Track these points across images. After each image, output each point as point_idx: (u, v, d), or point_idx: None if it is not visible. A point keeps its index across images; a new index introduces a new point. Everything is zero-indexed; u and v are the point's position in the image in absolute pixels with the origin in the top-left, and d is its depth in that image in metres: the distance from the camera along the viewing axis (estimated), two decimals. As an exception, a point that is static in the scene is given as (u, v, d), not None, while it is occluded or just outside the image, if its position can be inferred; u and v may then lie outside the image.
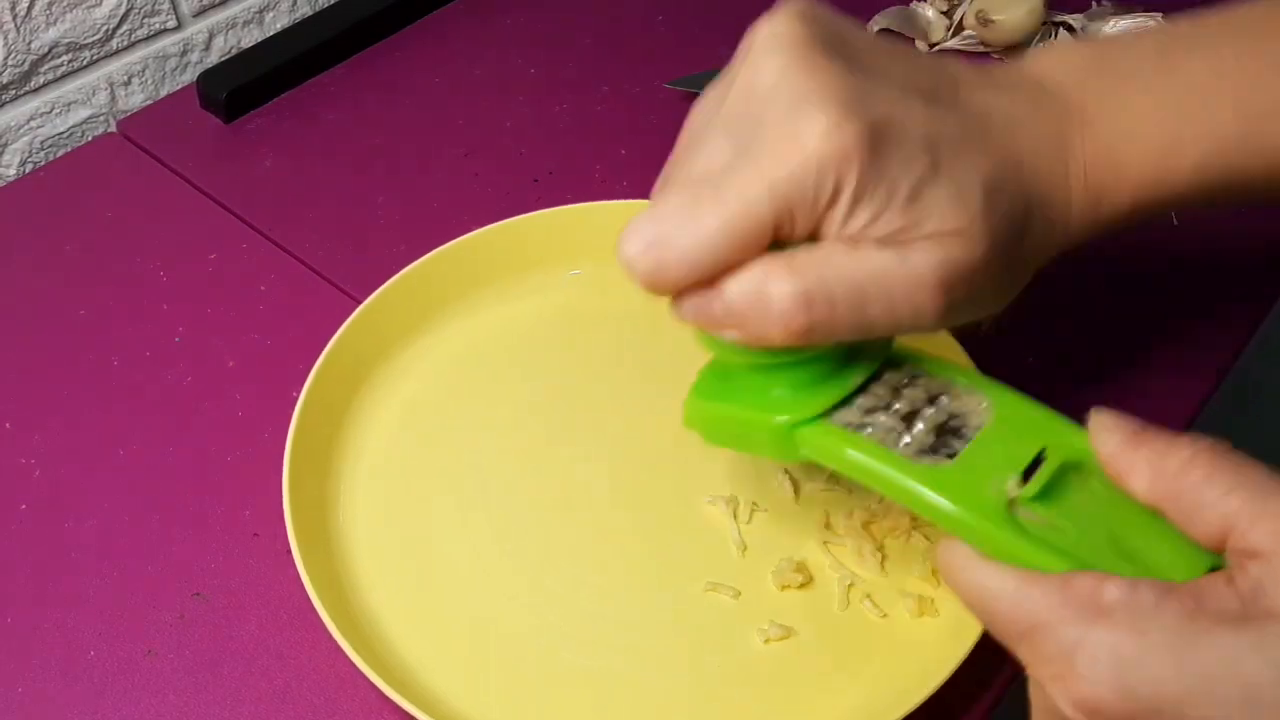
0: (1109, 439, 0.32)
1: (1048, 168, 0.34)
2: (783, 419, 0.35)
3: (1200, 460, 0.30)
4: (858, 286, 0.31)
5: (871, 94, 0.31)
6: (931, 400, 0.35)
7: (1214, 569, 0.30)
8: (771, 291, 0.31)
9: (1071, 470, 0.33)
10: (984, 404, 0.35)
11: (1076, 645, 0.29)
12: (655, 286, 0.32)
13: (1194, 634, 0.28)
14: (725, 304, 0.32)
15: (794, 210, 0.31)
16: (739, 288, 0.31)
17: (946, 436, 0.34)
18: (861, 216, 0.31)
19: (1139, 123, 0.35)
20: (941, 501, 0.32)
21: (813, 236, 0.32)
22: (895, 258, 0.31)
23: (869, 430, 0.34)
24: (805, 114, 0.30)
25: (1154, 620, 0.28)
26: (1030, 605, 0.30)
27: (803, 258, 0.31)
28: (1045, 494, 0.32)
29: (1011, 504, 0.32)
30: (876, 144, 0.30)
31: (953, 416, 0.35)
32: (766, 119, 0.31)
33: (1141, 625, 0.28)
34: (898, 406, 0.35)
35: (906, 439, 0.34)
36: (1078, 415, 0.36)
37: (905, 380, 0.36)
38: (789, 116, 0.30)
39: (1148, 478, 0.31)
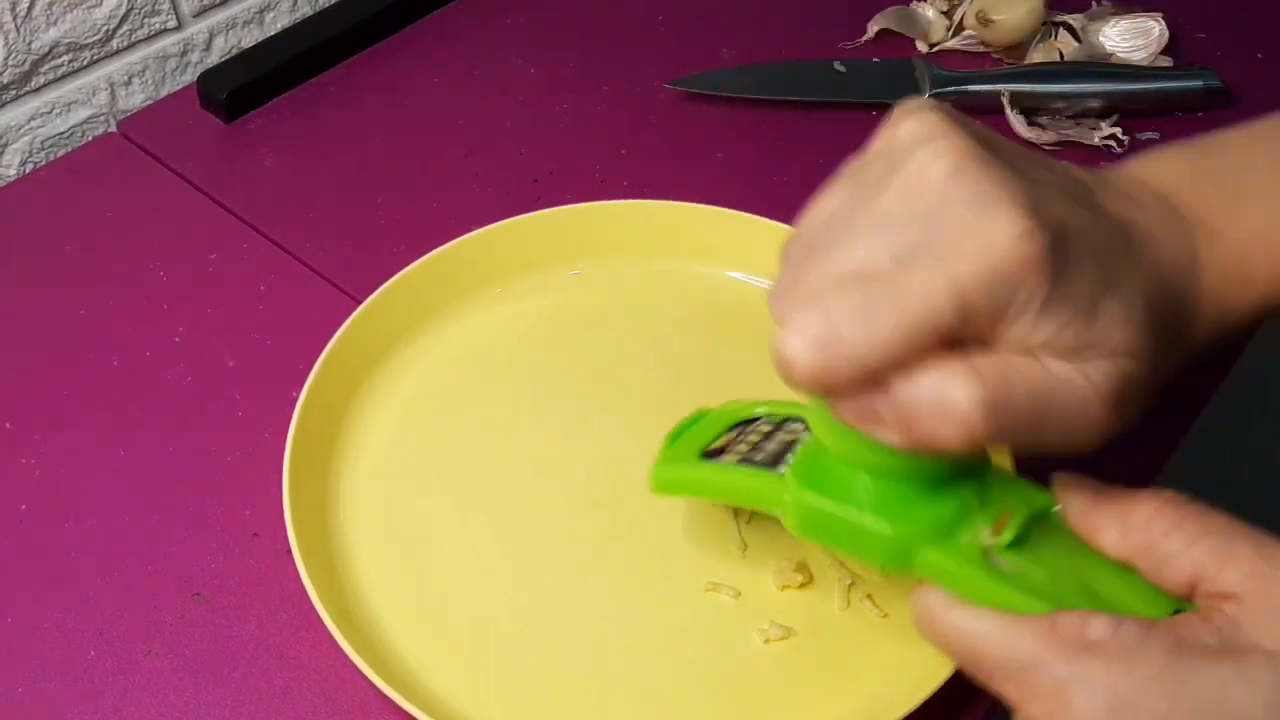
0: (1075, 498, 0.33)
1: (1183, 279, 0.34)
2: (903, 532, 0.33)
3: (1165, 512, 0.31)
4: (1039, 396, 0.30)
5: (1045, 198, 0.30)
6: None
7: (1177, 612, 0.31)
8: (954, 395, 0.29)
9: (1037, 524, 0.34)
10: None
11: (1070, 682, 0.29)
12: (818, 385, 0.30)
13: (1183, 666, 0.29)
14: (899, 405, 0.30)
15: (977, 315, 0.29)
16: (919, 391, 0.29)
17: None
18: (1047, 327, 0.29)
19: (1263, 229, 0.35)
20: (933, 555, 0.33)
21: (981, 344, 0.30)
22: (1074, 370, 0.30)
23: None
24: (993, 214, 0.29)
25: (1143, 653, 0.29)
26: (1019, 645, 0.31)
27: (986, 362, 0.30)
28: (1017, 544, 0.33)
29: (986, 552, 0.33)
30: (1061, 251, 0.29)
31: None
32: (943, 218, 0.29)
33: (1131, 659, 0.29)
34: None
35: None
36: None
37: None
38: (974, 216, 0.29)
39: (1116, 533, 0.32)
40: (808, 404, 0.34)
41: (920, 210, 0.30)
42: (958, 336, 0.29)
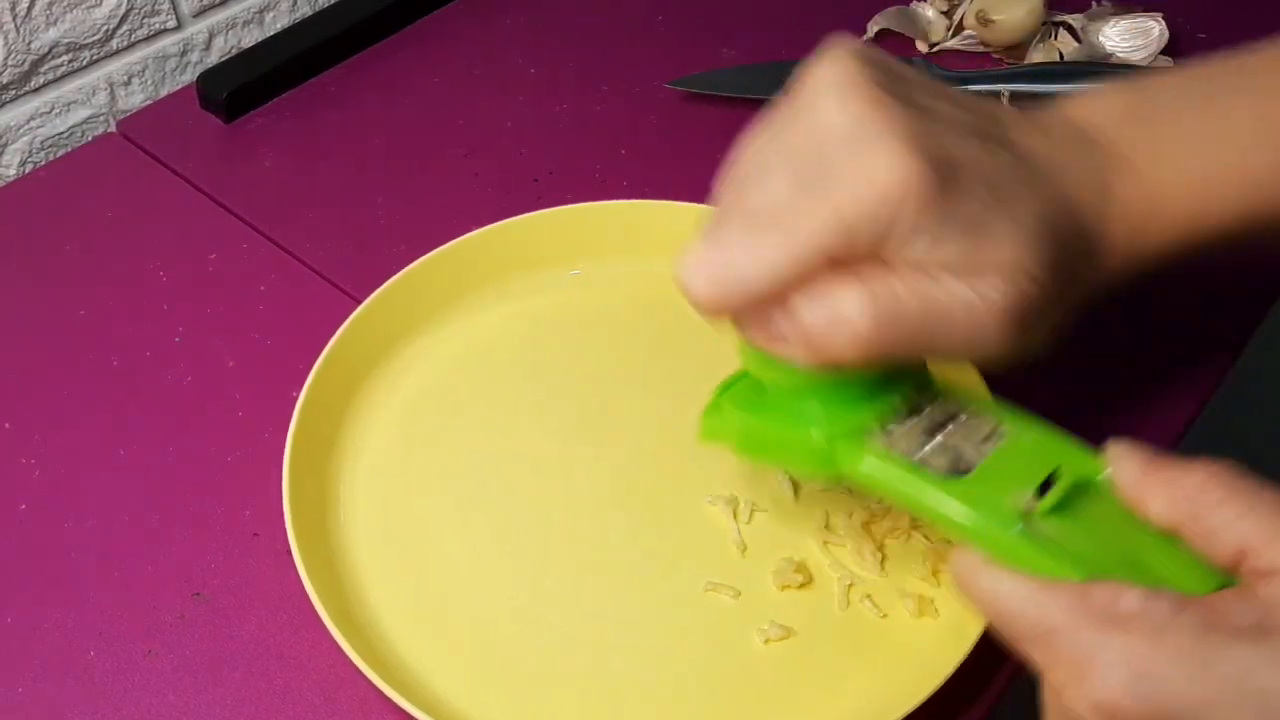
0: (1127, 464, 0.33)
1: (1091, 210, 0.35)
2: (820, 435, 0.35)
3: (1216, 483, 0.31)
4: (927, 307, 0.32)
5: (933, 131, 0.32)
6: (949, 419, 0.36)
7: (1223, 587, 0.31)
8: (844, 309, 0.32)
9: (1083, 491, 0.34)
10: (999, 426, 0.36)
11: (1095, 651, 0.29)
12: (715, 310, 0.33)
13: (1210, 645, 0.28)
14: (796, 322, 0.32)
15: (860, 241, 0.31)
16: (812, 305, 0.32)
17: (963, 454, 0.35)
18: (927, 247, 0.31)
19: (1178, 166, 0.36)
20: (961, 511, 0.33)
21: (874, 264, 0.32)
22: (962, 283, 0.32)
23: (899, 448, 0.35)
24: (875, 149, 0.31)
25: (1171, 630, 0.29)
26: (1048, 610, 0.31)
27: (876, 277, 0.32)
28: (1059, 510, 0.33)
29: (1027, 517, 0.33)
30: (942, 179, 0.31)
31: (969, 435, 0.36)
32: (832, 155, 0.32)
33: (1158, 634, 0.29)
34: (917, 423, 0.36)
35: (930, 455, 0.35)
36: (1079, 416, 0.36)
37: (925, 400, 0.37)
38: (858, 151, 0.31)
39: (1164, 501, 0.32)
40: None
41: (815, 148, 0.32)
42: (849, 259, 0.32)
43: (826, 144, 0.32)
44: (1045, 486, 0.34)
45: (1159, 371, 0.51)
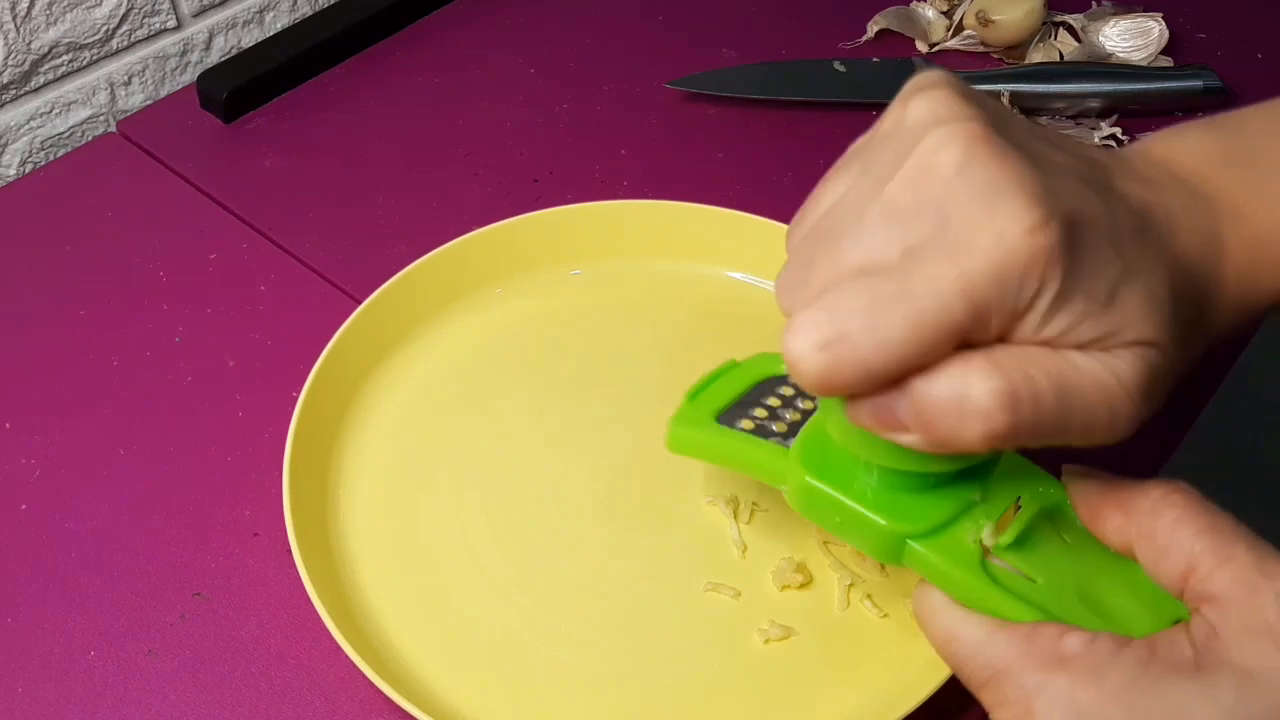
0: (1084, 488, 0.33)
1: (1206, 266, 0.33)
2: (894, 526, 0.33)
3: (1173, 500, 0.31)
4: (1061, 388, 0.29)
5: (1057, 185, 0.29)
6: None
7: (1177, 622, 0.31)
8: (974, 391, 0.28)
9: (1045, 519, 0.34)
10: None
11: (1035, 692, 0.30)
12: (827, 387, 0.29)
13: (1147, 682, 0.29)
14: (916, 406, 0.29)
15: (990, 312, 0.28)
16: (936, 389, 0.28)
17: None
18: (1063, 320, 0.28)
19: None
20: (923, 551, 0.33)
21: (999, 341, 0.29)
22: (1097, 362, 0.29)
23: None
24: (1004, 207, 0.27)
25: (1110, 668, 0.29)
26: (996, 652, 0.31)
27: (1005, 355, 0.29)
28: (1019, 543, 0.33)
29: (986, 552, 0.33)
30: (1075, 241, 0.28)
31: None
32: (952, 210, 0.28)
33: (1097, 675, 0.29)
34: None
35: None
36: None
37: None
38: (983, 208, 0.28)
39: (1119, 519, 0.32)
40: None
41: (928, 201, 0.28)
42: (974, 334, 0.28)
43: (944, 197, 0.28)
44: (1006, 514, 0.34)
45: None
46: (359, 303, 0.50)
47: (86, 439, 0.50)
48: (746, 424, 0.38)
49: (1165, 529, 0.31)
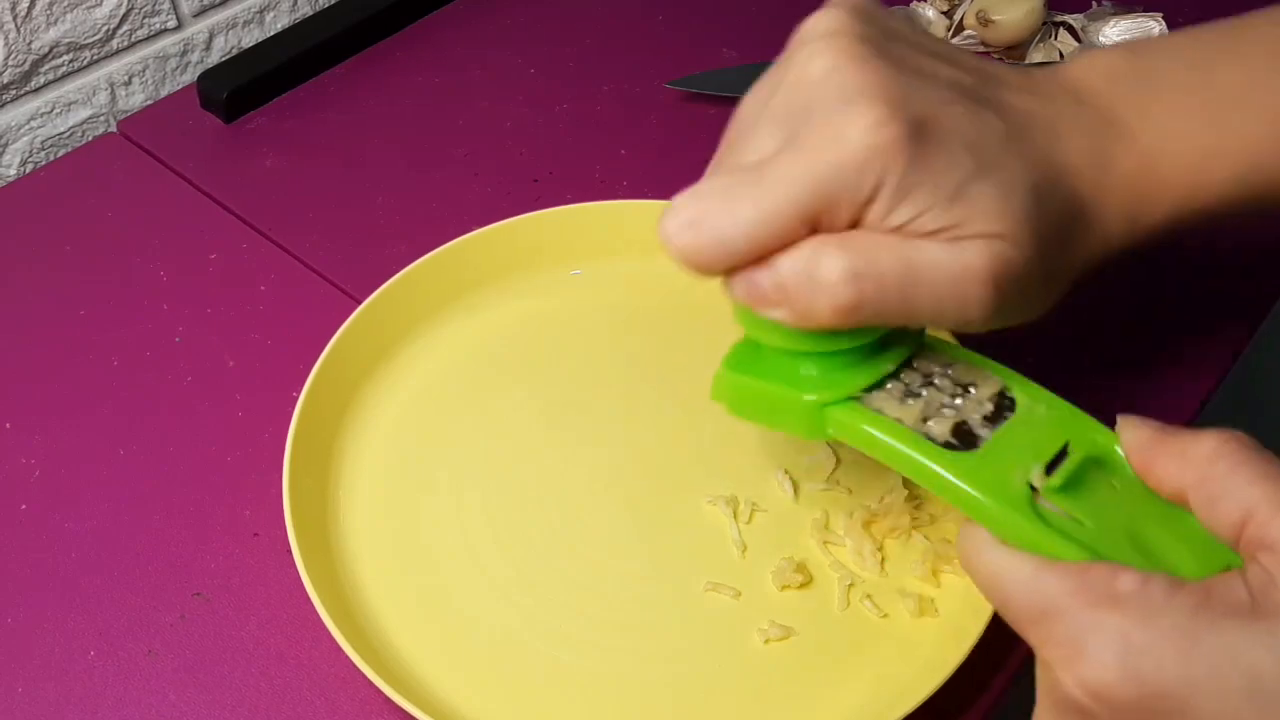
0: (1137, 434, 0.33)
1: (1089, 178, 0.35)
2: (812, 397, 0.35)
3: (1226, 450, 0.31)
4: (907, 270, 0.32)
5: (918, 92, 0.32)
6: (961, 390, 0.36)
7: (1227, 569, 0.31)
8: (822, 266, 0.31)
9: (1094, 466, 0.34)
10: (1011, 397, 0.36)
11: (1088, 630, 0.29)
12: (691, 265, 0.33)
13: (1202, 625, 0.28)
14: (775, 279, 0.32)
15: (836, 201, 0.31)
16: (790, 263, 0.32)
17: (974, 425, 0.35)
18: (905, 211, 0.31)
19: (1177, 134, 0.36)
20: (966, 487, 0.33)
21: (853, 226, 0.33)
22: (944, 249, 0.32)
23: (898, 415, 0.35)
24: (851, 108, 0.31)
25: (1164, 611, 0.29)
26: (1046, 590, 0.31)
27: (854, 237, 0.32)
28: (1067, 487, 0.33)
29: (1034, 494, 0.33)
30: (920, 141, 0.31)
31: (981, 406, 0.36)
32: (814, 111, 0.32)
33: (1151, 615, 0.29)
34: (927, 394, 0.36)
35: (934, 425, 0.35)
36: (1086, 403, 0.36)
37: (936, 369, 0.37)
38: (835, 110, 0.31)
39: (1174, 466, 0.32)
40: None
41: (799, 104, 0.32)
42: (826, 219, 0.32)
43: (811, 100, 0.32)
44: (1056, 460, 0.34)
45: (1159, 372, 0.51)
46: (359, 303, 0.50)
47: (86, 439, 0.50)
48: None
49: (1220, 476, 0.31)
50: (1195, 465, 0.32)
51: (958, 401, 0.36)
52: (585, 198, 0.55)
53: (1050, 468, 0.33)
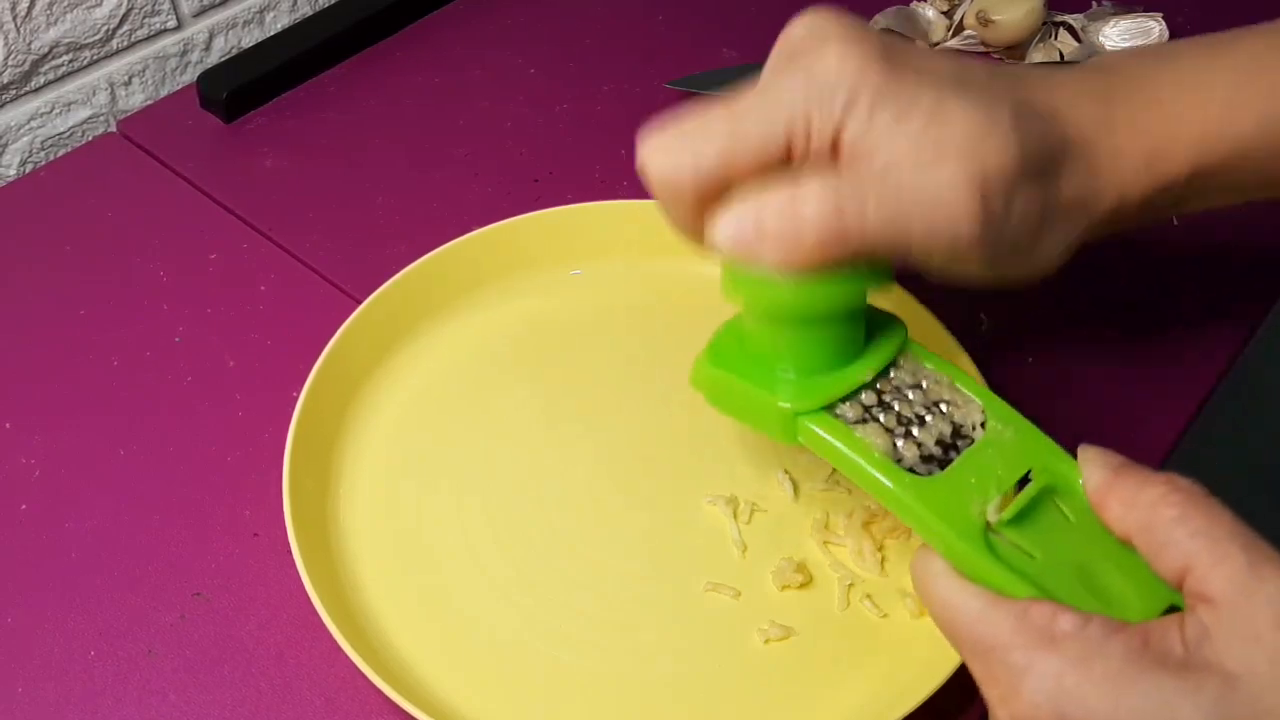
0: (1094, 470, 0.34)
1: (1089, 114, 0.35)
2: (786, 405, 0.35)
3: (1174, 499, 0.31)
4: (891, 190, 0.32)
5: (892, 45, 0.33)
6: (932, 406, 0.36)
7: (1172, 608, 0.32)
8: (803, 196, 0.32)
9: (1052, 495, 0.35)
10: (981, 417, 0.36)
11: (1024, 669, 0.30)
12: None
13: (1134, 672, 0.29)
14: (757, 215, 0.32)
15: (808, 118, 0.32)
16: (772, 197, 0.32)
17: (940, 447, 0.35)
18: (881, 126, 0.32)
19: (1195, 85, 0.36)
20: (924, 514, 0.34)
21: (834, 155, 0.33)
22: (926, 164, 0.32)
23: (867, 429, 0.35)
24: (827, 47, 0.33)
25: (1099, 655, 0.29)
26: (990, 627, 0.31)
27: (834, 165, 0.33)
28: (1021, 517, 0.34)
29: (989, 525, 0.33)
30: (893, 63, 0.32)
31: (952, 424, 0.36)
32: (794, 59, 0.34)
33: (1086, 659, 0.29)
34: (898, 408, 0.36)
35: (903, 446, 0.35)
36: (1075, 414, 0.36)
37: (909, 382, 0.37)
38: (814, 52, 0.33)
39: (1122, 508, 0.32)
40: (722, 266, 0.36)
41: (782, 60, 0.34)
42: (803, 143, 0.33)
43: (793, 52, 0.34)
44: (1019, 485, 0.34)
45: (1158, 372, 0.51)
46: (359, 303, 0.50)
47: (86, 439, 0.50)
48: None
49: (1164, 526, 0.31)
50: (1142, 511, 0.32)
51: (928, 419, 0.36)
52: (585, 198, 0.55)
53: (1018, 486, 0.34)
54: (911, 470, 0.34)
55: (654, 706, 0.41)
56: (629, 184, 0.60)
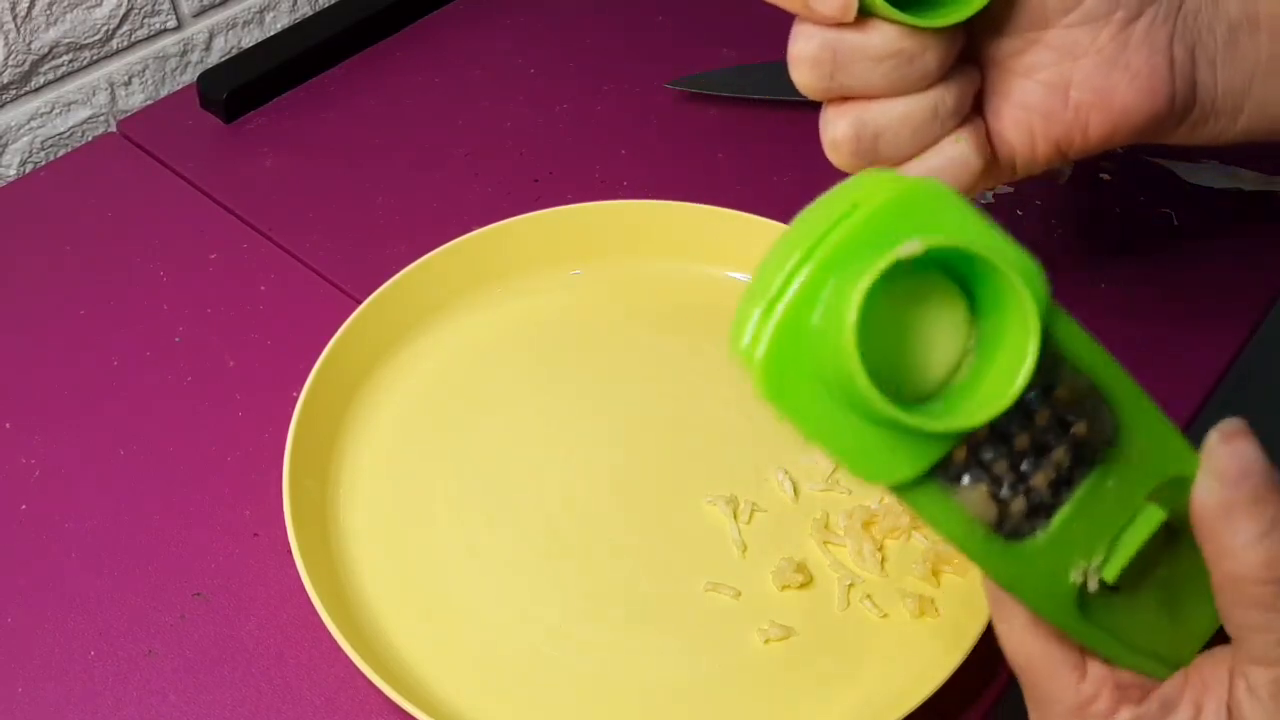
0: (1214, 487, 0.28)
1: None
2: (882, 480, 0.27)
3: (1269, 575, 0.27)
4: (896, 110, 0.36)
5: None
6: (1055, 426, 0.29)
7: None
8: (832, 123, 0.36)
9: (1175, 488, 0.30)
10: (1112, 427, 0.30)
11: None
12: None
13: None
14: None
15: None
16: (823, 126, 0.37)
17: (1054, 486, 0.29)
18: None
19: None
20: (1014, 591, 0.30)
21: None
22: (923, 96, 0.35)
23: (968, 493, 0.28)
24: None
25: None
26: (1055, 692, 0.31)
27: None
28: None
29: (1084, 591, 0.30)
30: None
31: (1075, 446, 0.29)
32: None
33: None
34: (1016, 441, 0.29)
35: (1007, 492, 0.28)
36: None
37: (1041, 388, 0.29)
38: None
39: (1215, 553, 0.28)
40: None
41: None
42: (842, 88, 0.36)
43: None
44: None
45: (1158, 372, 0.51)
46: (359, 303, 0.50)
47: (86, 439, 0.50)
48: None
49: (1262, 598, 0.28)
50: (1235, 568, 0.28)
51: (1049, 448, 0.29)
52: (585, 198, 0.55)
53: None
54: (1014, 534, 0.29)
55: (654, 706, 0.41)
56: (629, 184, 0.60)
